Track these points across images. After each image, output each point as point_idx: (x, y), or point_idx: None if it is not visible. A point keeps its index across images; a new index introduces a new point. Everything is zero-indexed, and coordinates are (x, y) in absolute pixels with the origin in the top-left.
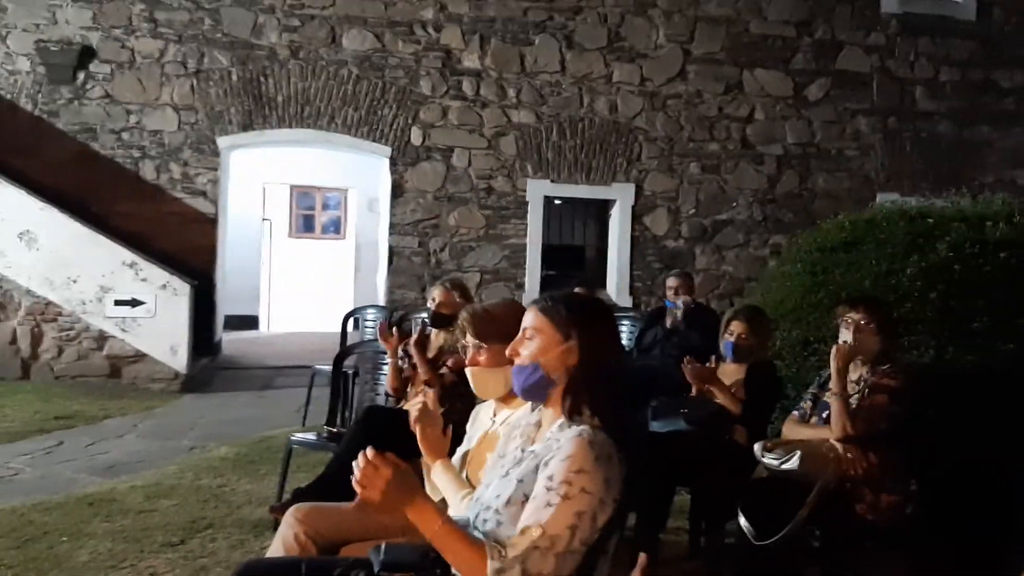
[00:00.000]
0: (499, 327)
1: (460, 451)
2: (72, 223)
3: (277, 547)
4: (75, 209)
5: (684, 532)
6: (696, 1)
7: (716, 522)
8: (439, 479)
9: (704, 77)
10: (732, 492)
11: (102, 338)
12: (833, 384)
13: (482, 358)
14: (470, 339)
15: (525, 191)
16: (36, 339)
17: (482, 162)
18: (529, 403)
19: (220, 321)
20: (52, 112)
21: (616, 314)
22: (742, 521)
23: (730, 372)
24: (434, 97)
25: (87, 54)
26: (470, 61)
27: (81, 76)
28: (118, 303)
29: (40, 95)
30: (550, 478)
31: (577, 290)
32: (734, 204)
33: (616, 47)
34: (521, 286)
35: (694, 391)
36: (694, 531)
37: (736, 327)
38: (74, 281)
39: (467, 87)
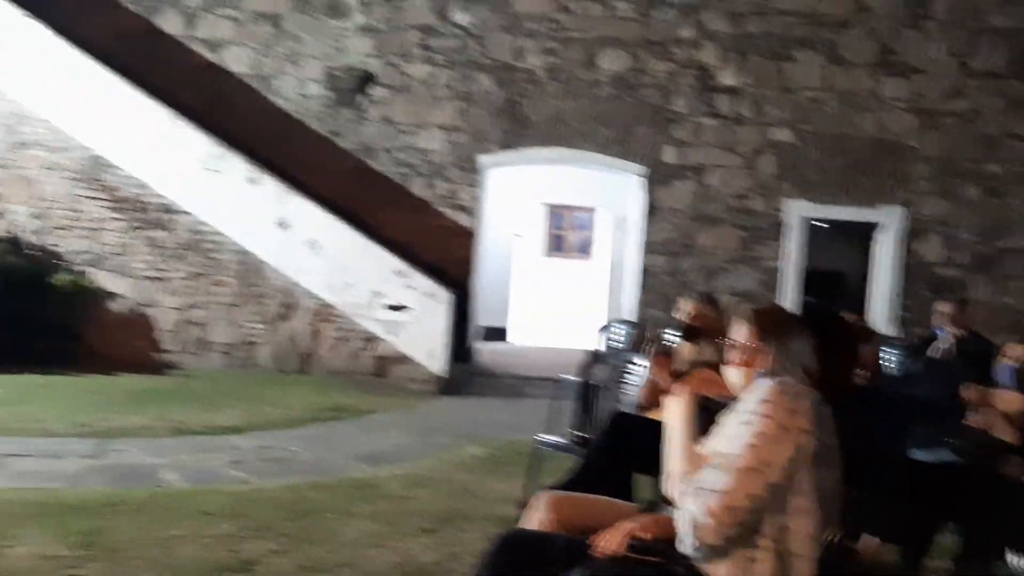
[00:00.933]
0: (777, 328)
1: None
2: (351, 233)
3: None
4: (352, 220)
5: (947, 573)
6: (977, 12)
7: (983, 560)
8: (674, 414)
9: (985, 93)
10: (1003, 529)
11: (372, 339)
12: None
13: (753, 358)
14: (748, 338)
15: (783, 212)
16: (316, 337)
17: (738, 181)
18: None
19: (474, 330)
20: (336, 132)
21: (882, 344)
22: (1012, 560)
23: (1008, 400)
24: (689, 115)
25: (368, 79)
26: (727, 78)
27: (362, 99)
28: (387, 308)
29: (327, 116)
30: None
31: (845, 316)
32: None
33: (887, 61)
34: None
35: (971, 421)
36: (958, 568)
37: (1018, 351)
38: (350, 286)
39: (723, 104)
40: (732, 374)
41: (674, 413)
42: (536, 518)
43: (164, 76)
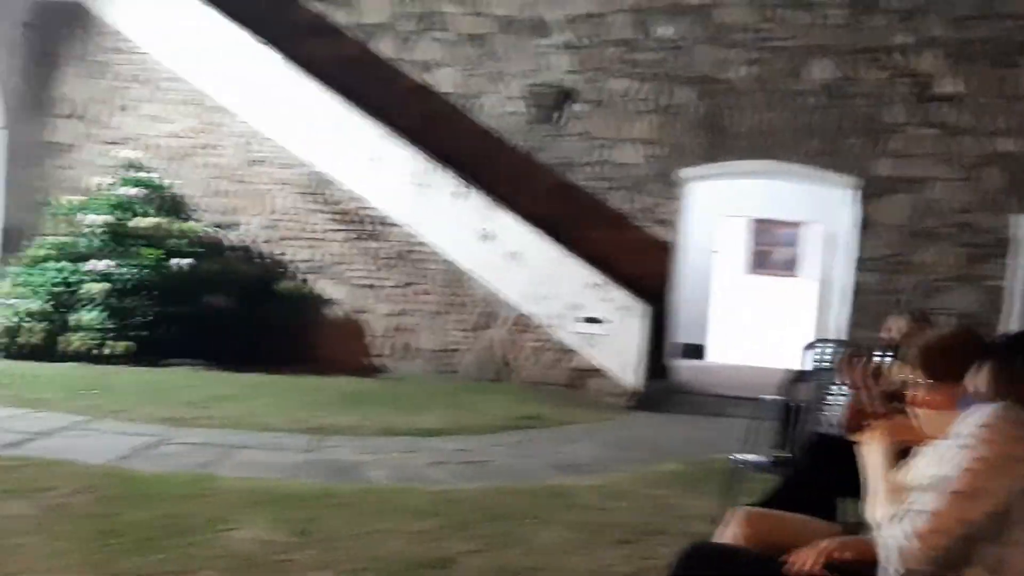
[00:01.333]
0: (953, 364)
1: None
2: (550, 246)
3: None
4: (551, 233)
5: None
6: None
7: None
8: (873, 456)
9: None
10: None
11: (568, 351)
12: None
13: (934, 399)
14: (920, 377)
15: (1011, 228)
16: (514, 347)
17: (959, 195)
18: None
19: (672, 346)
20: (537, 148)
21: None
22: None
23: None
24: (905, 125)
25: (568, 95)
26: (947, 86)
27: (562, 115)
28: (584, 320)
29: (528, 133)
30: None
31: None
32: None
33: None
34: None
35: None
36: None
37: None
38: (547, 298)
39: (943, 114)
40: (917, 415)
41: (871, 455)
42: (729, 532)
43: (379, 97)
